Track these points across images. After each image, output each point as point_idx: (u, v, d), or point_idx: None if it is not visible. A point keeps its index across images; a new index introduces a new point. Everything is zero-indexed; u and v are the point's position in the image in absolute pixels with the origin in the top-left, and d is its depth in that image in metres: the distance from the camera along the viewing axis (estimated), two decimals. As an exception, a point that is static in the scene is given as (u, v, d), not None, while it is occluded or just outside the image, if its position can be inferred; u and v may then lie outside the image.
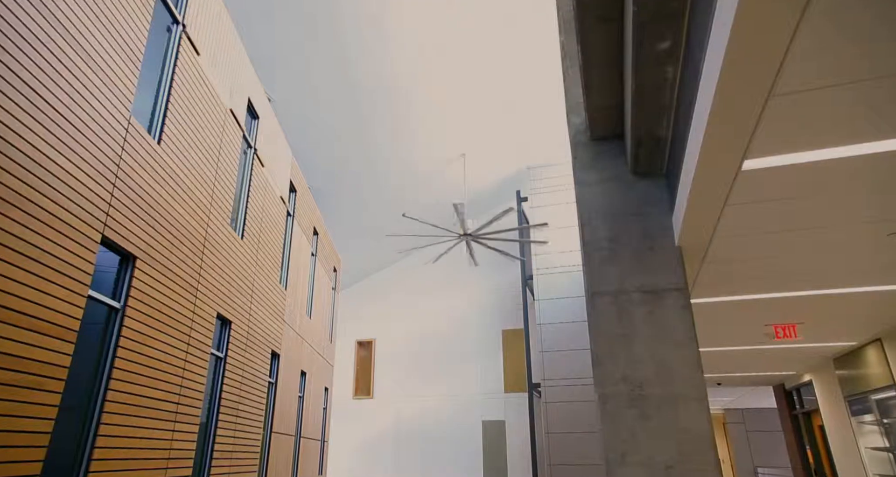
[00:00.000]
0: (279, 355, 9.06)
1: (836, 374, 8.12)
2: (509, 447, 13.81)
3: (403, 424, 14.77)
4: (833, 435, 8.67)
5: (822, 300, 5.42)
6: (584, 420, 9.41)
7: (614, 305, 4.05)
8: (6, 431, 3.31)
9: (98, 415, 4.28)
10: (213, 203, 6.35)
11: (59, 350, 3.75)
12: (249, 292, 7.67)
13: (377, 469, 14.54)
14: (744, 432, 17.53)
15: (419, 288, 15.92)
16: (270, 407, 8.72)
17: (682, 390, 3.70)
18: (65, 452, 4.04)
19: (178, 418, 5.50)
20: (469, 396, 14.53)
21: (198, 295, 5.99)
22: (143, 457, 4.89)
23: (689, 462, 3.51)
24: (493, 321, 15.11)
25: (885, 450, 7.03)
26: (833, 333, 6.87)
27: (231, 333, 7.05)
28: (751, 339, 7.15)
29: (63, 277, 3.80)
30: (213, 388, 6.66)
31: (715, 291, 5.39)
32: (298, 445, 10.32)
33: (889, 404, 6.74)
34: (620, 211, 4.35)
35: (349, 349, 15.92)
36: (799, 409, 10.40)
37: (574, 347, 9.98)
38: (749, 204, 3.50)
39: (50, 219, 3.68)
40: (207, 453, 6.40)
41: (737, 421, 17.81)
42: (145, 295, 4.90)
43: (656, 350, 3.83)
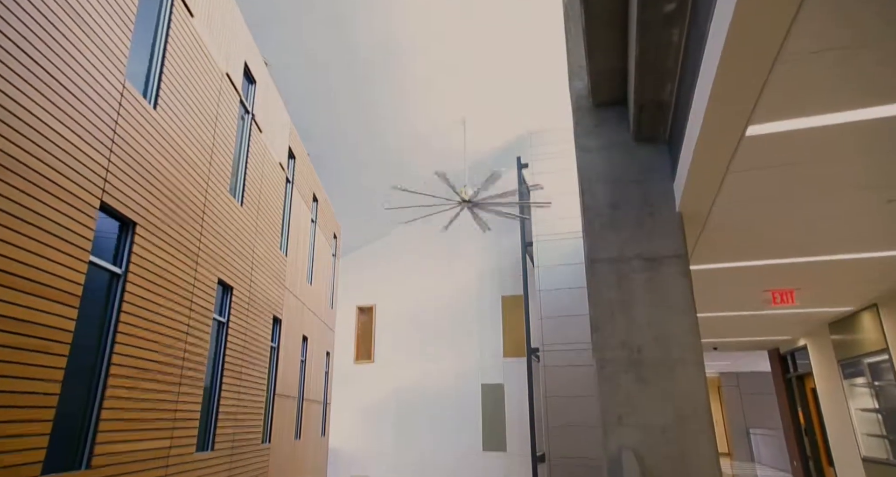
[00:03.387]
0: (281, 321, 9.16)
1: (830, 338, 8.23)
2: (508, 410, 14.11)
3: (404, 387, 15.06)
4: (825, 397, 8.86)
5: (819, 267, 5.45)
6: (581, 384, 9.59)
7: (614, 271, 4.07)
8: (15, 393, 3.38)
9: (104, 378, 4.36)
10: (211, 169, 6.31)
11: (62, 314, 3.79)
12: (250, 258, 7.70)
13: (378, 431, 14.90)
14: (738, 395, 17.92)
15: (419, 255, 15.98)
16: (273, 371, 8.87)
17: (679, 355, 3.75)
18: (73, 415, 4.13)
19: (183, 382, 5.60)
20: (469, 360, 14.77)
21: (198, 261, 6.01)
22: (150, 418, 5.00)
23: (685, 424, 3.59)
24: (493, 288, 15.22)
25: (874, 411, 7.20)
26: (830, 299, 6.93)
27: (232, 299, 7.12)
28: (748, 305, 7.22)
29: (64, 242, 3.81)
30: (217, 352, 6.76)
31: (714, 258, 5.41)
32: (301, 408, 10.55)
33: (881, 368, 6.86)
34: (621, 177, 4.32)
35: (350, 315, 16.09)
36: (793, 372, 10.59)
37: (573, 313, 10.08)
38: (751, 170, 3.48)
39: (48, 185, 3.66)
40: (212, 416, 6.55)
41: (731, 384, 18.19)
42: (146, 261, 4.92)
43: (655, 316, 3.87)
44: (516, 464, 13.35)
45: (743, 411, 17.65)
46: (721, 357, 13.79)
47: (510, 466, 13.51)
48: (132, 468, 4.71)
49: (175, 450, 5.45)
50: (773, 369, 11.45)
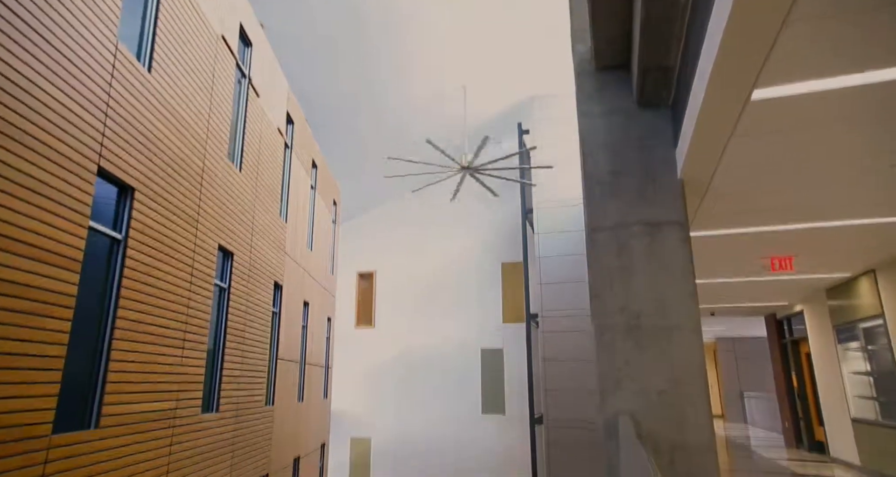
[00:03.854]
0: (281, 286, 9.23)
1: (827, 304, 8.32)
2: (507, 375, 14.37)
3: (404, 352, 15.29)
4: (819, 361, 9.00)
5: (819, 233, 5.45)
6: (579, 349, 9.73)
7: (614, 238, 4.07)
8: (22, 355, 3.44)
9: (108, 342, 4.42)
10: (209, 134, 6.24)
11: (64, 279, 3.81)
12: (250, 224, 7.70)
13: (380, 395, 15.22)
14: (733, 360, 18.23)
15: (419, 221, 15.97)
16: (275, 335, 8.98)
17: (677, 321, 3.79)
18: (80, 377, 4.20)
19: (186, 346, 5.68)
20: (468, 326, 14.95)
21: (198, 227, 6.01)
22: (155, 381, 5.10)
23: (681, 388, 3.66)
24: (493, 254, 15.28)
25: (866, 374, 7.33)
26: (828, 266, 6.96)
27: (233, 265, 7.15)
28: (747, 271, 7.25)
29: (63, 208, 3.80)
30: (219, 317, 6.83)
31: (714, 225, 5.41)
32: (303, 372, 10.73)
33: (875, 333, 6.95)
34: (623, 143, 4.28)
35: (350, 281, 16.21)
36: (788, 337, 10.74)
37: (572, 279, 10.14)
38: (754, 136, 3.44)
39: (45, 150, 3.63)
40: (216, 379, 6.67)
41: (727, 349, 18.47)
42: (146, 226, 4.92)
43: (654, 283, 3.89)
44: (514, 426, 13.69)
45: (737, 375, 18.00)
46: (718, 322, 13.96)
47: (508, 428, 13.85)
48: (140, 428, 4.83)
49: (181, 411, 5.57)
50: (769, 334, 11.60)
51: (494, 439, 13.94)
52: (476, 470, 13.81)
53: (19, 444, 3.44)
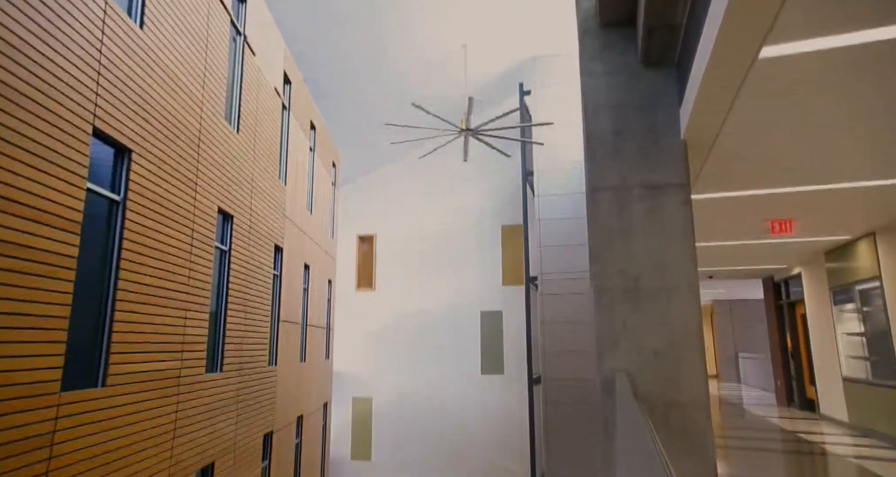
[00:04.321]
0: (282, 249, 9.26)
1: (825, 266, 8.37)
2: (506, 336, 14.59)
3: (405, 314, 15.48)
4: (813, 322, 9.13)
5: (821, 195, 5.43)
6: (578, 311, 9.84)
7: (614, 200, 4.06)
8: (27, 315, 3.47)
9: (112, 303, 4.46)
10: (204, 94, 6.13)
11: (65, 241, 3.82)
12: (249, 187, 7.66)
13: (380, 356, 15.48)
14: (729, 321, 18.48)
15: (419, 184, 15.90)
16: (276, 298, 9.07)
17: (675, 284, 3.82)
18: (86, 337, 4.26)
19: (189, 307, 5.74)
20: (468, 288, 15.07)
21: (197, 189, 5.98)
22: (159, 341, 5.17)
23: (677, 349, 3.72)
24: (493, 217, 15.26)
25: (859, 334, 7.45)
26: (828, 228, 6.97)
27: (233, 227, 7.15)
28: (747, 234, 7.26)
29: (60, 169, 3.77)
30: (220, 279, 6.88)
31: (716, 187, 5.38)
32: (305, 333, 10.89)
33: (871, 294, 7.02)
34: (626, 104, 4.21)
35: (351, 244, 16.25)
36: (785, 299, 10.85)
37: (572, 242, 10.16)
38: (760, 96, 3.38)
39: (39, 109, 3.57)
40: (219, 340, 6.77)
41: (724, 311, 18.70)
42: (144, 188, 4.89)
43: (653, 245, 3.90)
44: (513, 385, 13.98)
45: (733, 337, 18.28)
46: (716, 285, 14.08)
47: (507, 387, 14.16)
48: (146, 387, 4.93)
49: (185, 371, 5.68)
50: (766, 297, 11.72)
51: (493, 399, 14.27)
52: (475, 428, 14.19)
53: (30, 400, 3.52)
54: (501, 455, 13.78)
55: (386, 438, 14.88)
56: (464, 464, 14.05)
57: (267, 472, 8.52)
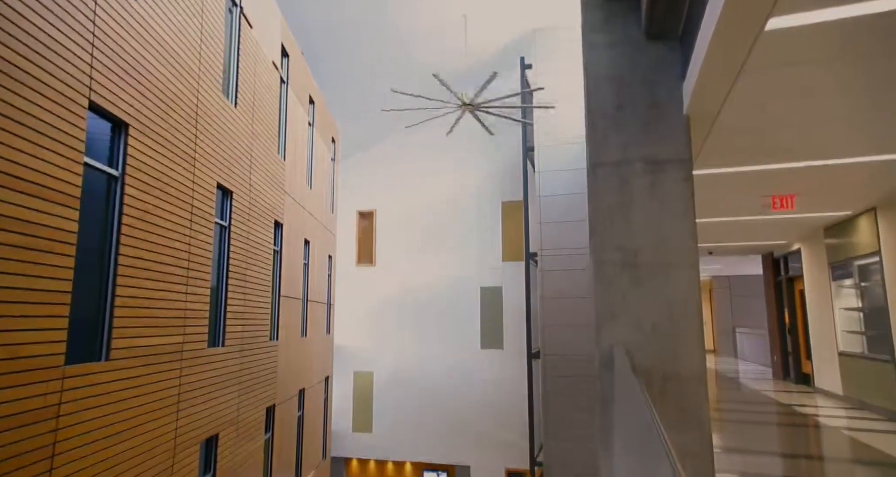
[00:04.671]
0: (282, 225, 9.25)
1: (825, 242, 8.38)
2: (505, 311, 14.69)
3: (405, 289, 15.55)
4: (811, 298, 9.18)
5: (823, 171, 5.40)
6: (577, 287, 9.88)
7: (615, 175, 4.03)
8: (29, 290, 3.49)
9: (113, 278, 4.48)
10: (201, 68, 6.04)
11: (64, 216, 3.81)
12: (248, 162, 7.61)
13: (381, 330, 15.61)
14: (728, 297, 18.59)
15: (419, 160, 15.80)
16: (277, 273, 9.10)
17: (675, 259, 3.82)
18: (89, 312, 4.28)
19: (190, 283, 5.76)
20: (468, 264, 15.12)
21: (196, 165, 5.94)
22: (161, 316, 5.21)
23: (675, 324, 3.74)
24: (493, 193, 15.21)
25: (857, 310, 7.50)
26: (830, 204, 6.95)
27: (233, 203, 7.13)
28: (748, 210, 7.25)
29: (57, 143, 3.74)
30: (221, 255, 6.89)
31: (718, 162, 5.34)
32: (306, 308, 10.96)
33: (870, 270, 7.05)
34: (629, 77, 4.15)
35: (351, 219, 16.23)
36: (783, 275, 10.89)
37: (572, 218, 10.15)
38: (765, 69, 3.33)
39: (34, 82, 3.52)
40: (221, 315, 6.81)
41: (723, 287, 18.79)
42: (142, 164, 4.86)
43: (654, 220, 3.89)
44: (512, 360, 14.14)
45: (731, 312, 18.41)
46: (715, 261, 14.12)
47: (506, 361, 14.31)
48: (149, 361, 4.98)
49: (188, 345, 5.73)
50: (765, 272, 11.76)
51: (492, 373, 14.44)
52: (475, 402, 14.40)
53: (35, 374, 3.56)
54: (501, 427, 14.02)
55: (387, 410, 15.11)
56: (463, 436, 14.30)
57: (270, 443, 8.68)
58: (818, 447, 5.63)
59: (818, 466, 4.92)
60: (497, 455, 13.98)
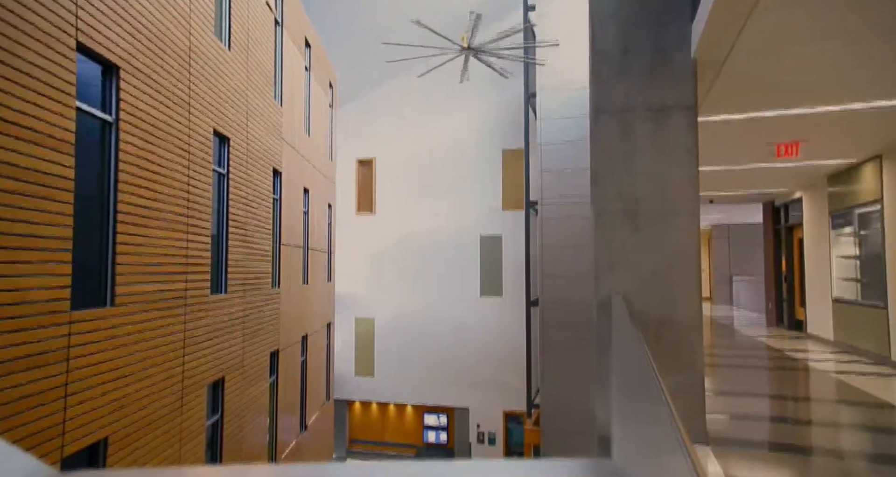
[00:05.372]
0: (281, 172, 9.17)
1: (827, 190, 8.34)
2: (505, 260, 14.81)
3: (405, 238, 15.62)
4: (810, 246, 9.23)
5: (830, 117, 5.30)
6: (577, 235, 9.91)
7: (619, 121, 3.96)
8: (29, 236, 3.50)
9: (113, 225, 4.48)
10: (192, 7, 5.81)
11: (60, 162, 3.77)
12: (244, 108, 7.46)
13: (381, 278, 15.79)
14: (726, 246, 18.71)
15: (419, 106, 15.49)
16: (277, 221, 9.11)
17: (676, 207, 3.80)
18: (92, 259, 4.31)
19: (190, 230, 5.77)
20: (468, 213, 15.11)
21: (191, 110, 5.83)
22: (163, 263, 5.25)
23: (674, 272, 3.77)
24: (494, 141, 15.01)
25: (854, 257, 7.56)
26: (835, 151, 6.86)
27: (230, 150, 7.04)
28: (752, 158, 7.17)
29: (47, 86, 3.65)
30: (220, 203, 6.87)
31: (723, 109, 5.23)
32: (307, 256, 11.04)
33: (870, 218, 7.05)
34: (636, 19, 4.00)
35: (350, 167, 16.09)
36: (783, 224, 10.91)
37: (573, 166, 10.05)
38: (778, 9, 3.20)
39: (21, 23, 3.40)
40: (222, 263, 6.86)
41: (722, 236, 18.88)
42: (136, 109, 4.76)
43: (656, 168, 3.85)
44: (510, 308, 14.37)
45: (729, 261, 18.57)
46: (715, 210, 14.10)
47: (505, 309, 14.56)
48: (154, 307, 5.06)
49: (191, 292, 5.81)
50: (765, 221, 11.76)
51: (491, 320, 14.72)
52: (474, 348, 14.75)
53: (42, 318, 3.62)
54: (499, 372, 14.42)
55: (388, 356, 15.51)
56: (463, 380, 14.74)
57: (275, 386, 8.95)
58: (806, 389, 5.80)
59: (804, 407, 5.09)
60: (495, 398, 14.46)
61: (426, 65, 9.87)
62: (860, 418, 4.57)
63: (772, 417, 4.75)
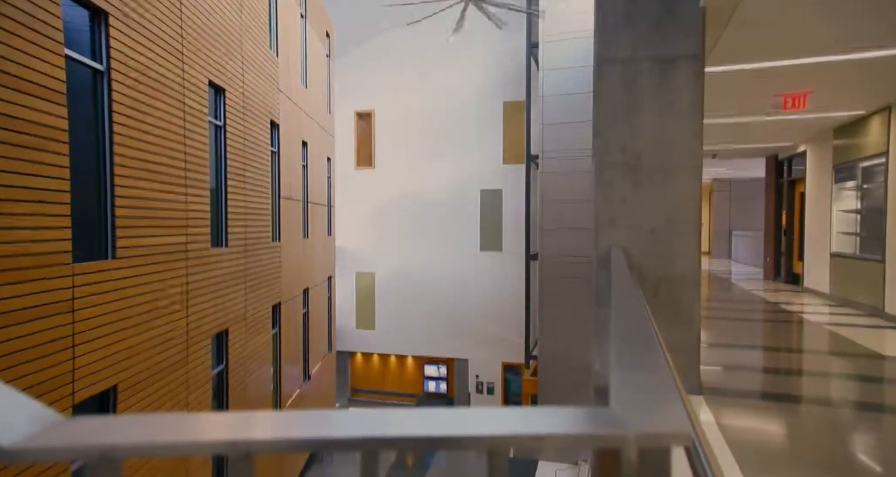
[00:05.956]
0: (278, 125, 9.03)
1: (833, 143, 8.24)
2: (505, 214, 14.80)
3: (405, 192, 15.54)
4: (811, 200, 9.21)
5: (839, 66, 5.17)
6: (577, 190, 9.86)
7: (623, 72, 3.85)
8: (26, 188, 3.48)
9: (111, 178, 4.45)
10: (181, -50, 5.57)
11: (52, 112, 3.71)
12: (239, 58, 7.27)
13: (382, 232, 15.82)
14: (727, 200, 18.67)
15: (419, 57, 15.09)
16: (276, 175, 9.04)
17: (678, 161, 3.76)
18: (91, 212, 4.30)
19: (189, 183, 5.74)
20: (468, 167, 14.98)
21: (184, 59, 5.67)
22: (163, 216, 5.24)
23: (674, 226, 3.76)
24: (495, 93, 14.71)
25: (855, 212, 7.56)
26: (843, 102, 6.74)
27: (226, 102, 6.90)
28: (757, 110, 7.04)
29: (33, 33, 3.54)
30: (218, 156, 6.79)
31: (731, 59, 5.10)
32: (307, 210, 11.02)
33: (874, 171, 7.00)
34: (645, -40, 3.83)
35: (349, 120, 15.84)
36: (786, 177, 10.84)
37: (575, 119, 9.89)
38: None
39: (-1, -35, 3.26)
40: (222, 216, 6.86)
41: (723, 190, 18.81)
42: (128, 57, 4.64)
43: (660, 120, 3.78)
44: (510, 262, 14.48)
45: (729, 215, 18.57)
46: (718, 164, 13.98)
47: (505, 263, 14.67)
48: (156, 260, 5.09)
49: (192, 245, 5.83)
50: (767, 175, 11.68)
51: (491, 274, 14.85)
52: (473, 301, 14.95)
53: (45, 270, 3.64)
54: (498, 325, 14.68)
55: (388, 309, 15.74)
56: (463, 333, 15.02)
57: (277, 338, 9.13)
58: (798, 341, 5.92)
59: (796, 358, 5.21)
60: (494, 350, 14.78)
61: (424, 12, 9.55)
62: (850, 368, 4.67)
63: (763, 368, 4.86)
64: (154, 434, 0.54)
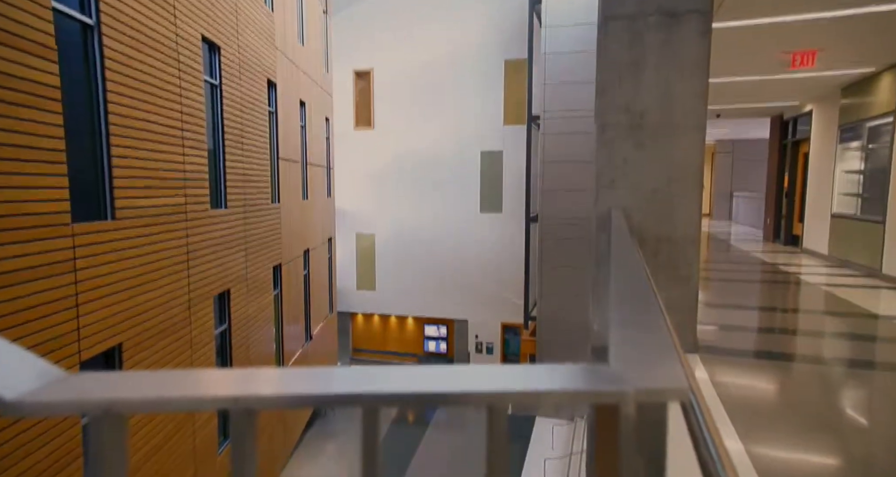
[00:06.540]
0: (275, 84, 8.86)
1: (840, 102, 8.11)
2: (505, 175, 14.69)
3: (405, 153, 15.39)
4: (815, 161, 9.14)
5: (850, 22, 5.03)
6: (578, 151, 9.75)
7: (628, 29, 3.75)
8: (21, 147, 3.44)
9: (107, 137, 4.39)
10: None
11: (43, 69, 3.62)
12: (233, 14, 7.06)
13: (382, 194, 15.75)
14: (729, 161, 18.53)
15: (418, 13, 14.66)
16: (274, 135, 8.93)
17: (681, 121, 3.70)
18: (88, 172, 4.27)
19: (186, 143, 5.67)
20: (469, 127, 14.77)
21: (176, 14, 5.51)
22: (161, 177, 5.20)
23: (674, 187, 3.73)
24: (496, 51, 14.36)
25: (858, 172, 7.51)
26: (852, 59, 6.59)
27: (221, 59, 6.75)
28: (765, 69, 6.90)
29: (20, -12, 3.43)
30: (214, 116, 6.69)
31: (740, 14, 4.96)
32: (306, 171, 10.94)
33: (880, 131, 6.92)
34: None
35: (347, 80, 15.52)
36: (790, 138, 10.71)
37: (577, 79, 9.69)
38: None
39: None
40: (221, 177, 6.81)
41: (725, 151, 18.64)
42: (118, 12, 4.50)
43: (664, 79, 3.70)
44: (510, 224, 14.48)
45: (731, 176, 18.46)
46: (721, 124, 13.80)
47: (505, 225, 14.67)
48: (156, 221, 5.09)
49: (191, 207, 5.81)
50: (771, 135, 11.54)
51: (491, 235, 14.87)
52: (473, 262, 15.03)
53: (44, 230, 3.64)
54: (497, 286, 14.80)
55: (388, 270, 15.84)
56: (463, 294, 15.16)
57: (279, 298, 9.22)
58: (795, 301, 5.98)
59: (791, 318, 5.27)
60: (494, 310, 14.95)
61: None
62: (843, 328, 4.74)
63: (758, 327, 4.93)
64: (158, 389, 0.54)
